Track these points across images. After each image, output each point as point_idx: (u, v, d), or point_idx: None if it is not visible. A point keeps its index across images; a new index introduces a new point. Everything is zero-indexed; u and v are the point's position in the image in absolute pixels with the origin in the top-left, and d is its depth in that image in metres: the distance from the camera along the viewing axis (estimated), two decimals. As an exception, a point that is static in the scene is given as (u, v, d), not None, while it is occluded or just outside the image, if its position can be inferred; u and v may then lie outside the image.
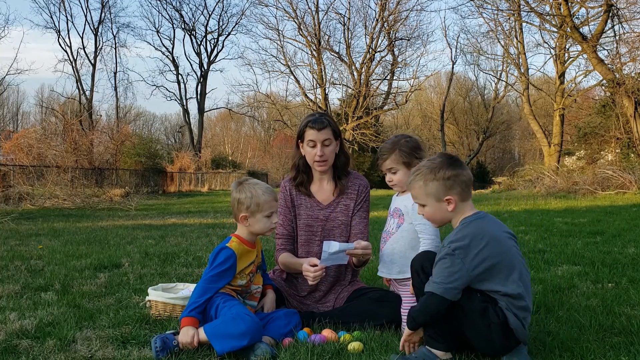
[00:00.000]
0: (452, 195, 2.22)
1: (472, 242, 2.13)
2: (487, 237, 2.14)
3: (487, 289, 2.14)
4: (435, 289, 2.11)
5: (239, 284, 2.61)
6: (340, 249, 2.59)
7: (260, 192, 2.62)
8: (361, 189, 3.07)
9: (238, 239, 2.64)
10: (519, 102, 43.85)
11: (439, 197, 2.23)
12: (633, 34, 19.88)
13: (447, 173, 2.22)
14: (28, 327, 2.70)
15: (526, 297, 2.17)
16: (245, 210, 2.61)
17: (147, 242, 6.37)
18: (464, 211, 2.25)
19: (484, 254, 2.11)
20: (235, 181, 2.73)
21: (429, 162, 2.28)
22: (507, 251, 2.17)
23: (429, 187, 2.24)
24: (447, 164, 2.24)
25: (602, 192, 15.06)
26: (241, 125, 57.26)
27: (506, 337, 2.11)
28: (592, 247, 5.35)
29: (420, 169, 2.28)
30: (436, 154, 2.34)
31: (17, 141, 17.57)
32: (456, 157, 2.31)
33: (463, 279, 2.10)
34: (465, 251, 2.11)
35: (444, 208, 2.24)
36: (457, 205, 2.24)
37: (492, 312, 2.11)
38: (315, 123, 2.92)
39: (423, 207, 2.30)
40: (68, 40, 45.36)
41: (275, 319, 2.59)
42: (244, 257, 2.61)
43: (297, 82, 35.02)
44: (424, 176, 2.25)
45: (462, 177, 2.24)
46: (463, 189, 2.24)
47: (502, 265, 2.14)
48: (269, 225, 2.65)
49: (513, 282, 2.14)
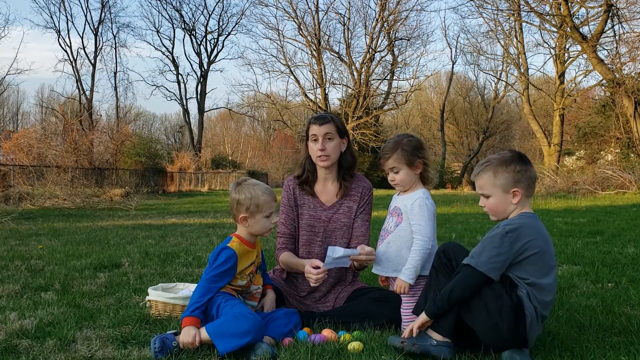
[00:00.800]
0: (519, 188, 2.29)
1: (525, 230, 2.19)
2: (539, 232, 2.23)
3: (516, 274, 2.19)
4: (478, 265, 2.15)
5: (239, 284, 2.61)
6: (345, 255, 2.60)
7: (260, 193, 2.62)
8: (364, 192, 3.07)
9: (239, 239, 2.64)
10: (519, 102, 43.87)
11: (506, 188, 2.29)
12: (633, 34, 19.90)
13: (518, 167, 2.29)
14: (28, 327, 2.70)
15: (551, 295, 2.22)
16: (244, 211, 2.61)
17: (147, 242, 6.37)
18: (525, 207, 2.32)
19: (532, 244, 2.18)
20: (234, 182, 2.72)
21: (499, 155, 2.36)
22: (551, 251, 2.24)
23: (498, 177, 2.30)
24: (518, 159, 2.32)
25: (602, 192, 15.06)
26: (241, 125, 57.26)
27: (516, 324, 2.12)
28: (592, 247, 5.35)
29: (490, 160, 2.35)
30: (505, 150, 2.44)
31: (17, 141, 17.59)
32: (524, 155, 2.39)
33: (508, 261, 2.17)
34: (516, 236, 2.17)
35: (508, 200, 2.30)
36: (522, 199, 2.30)
37: (506, 297, 2.14)
38: (317, 119, 2.98)
39: (487, 198, 2.35)
40: (68, 40, 45.53)
41: (275, 318, 2.59)
42: (244, 258, 2.61)
43: (297, 82, 35.05)
44: (494, 167, 2.31)
45: (530, 173, 2.31)
46: (529, 185, 2.31)
47: (543, 260, 2.20)
48: (269, 225, 2.65)
49: (546, 277, 2.20)
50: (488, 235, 2.22)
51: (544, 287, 2.18)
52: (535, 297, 2.16)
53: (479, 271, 2.14)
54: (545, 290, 2.19)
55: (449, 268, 2.32)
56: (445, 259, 2.33)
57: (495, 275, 2.15)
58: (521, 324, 2.12)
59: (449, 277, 2.28)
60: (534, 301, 2.16)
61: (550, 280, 2.21)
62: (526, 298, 2.15)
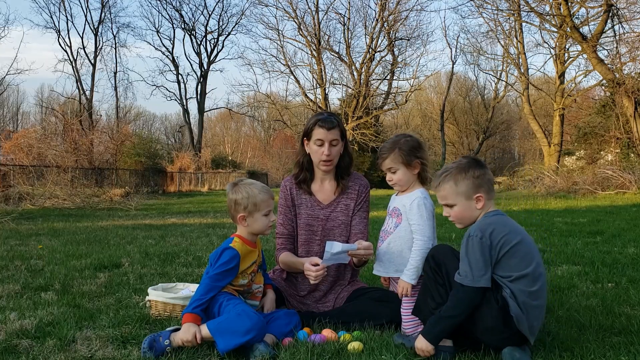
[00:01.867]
0: (481, 192, 2.31)
1: (497, 228, 2.21)
2: (509, 226, 2.25)
3: (499, 275, 2.19)
4: (474, 282, 2.15)
5: (241, 283, 2.61)
6: (343, 250, 2.59)
7: (257, 192, 2.62)
8: (361, 189, 3.07)
9: (240, 239, 2.64)
10: (519, 102, 43.88)
11: (469, 195, 2.31)
12: (633, 34, 19.89)
13: (477, 172, 2.32)
14: (28, 327, 2.70)
15: (540, 283, 2.22)
16: (243, 210, 2.61)
17: (147, 242, 6.37)
18: (489, 209, 2.34)
19: (507, 238, 2.19)
20: (230, 183, 2.72)
21: (456, 164, 2.37)
22: (528, 240, 2.25)
23: (460, 185, 2.32)
24: (475, 164, 2.36)
25: (602, 192, 15.06)
26: (241, 125, 57.29)
27: (505, 325, 2.14)
28: (592, 247, 5.35)
29: (448, 170, 2.36)
30: (459, 157, 2.47)
31: (17, 141, 17.58)
32: (479, 159, 2.44)
33: (493, 262, 2.18)
34: (490, 236, 2.19)
35: (473, 206, 2.32)
36: (485, 203, 2.31)
37: (493, 301, 2.15)
38: (324, 122, 2.91)
39: (451, 207, 2.36)
40: (68, 40, 45.48)
41: (276, 318, 2.59)
42: (247, 257, 2.62)
43: (297, 82, 35.04)
44: (454, 176, 2.33)
45: (488, 175, 2.36)
46: (489, 187, 2.35)
47: (522, 250, 2.20)
48: (268, 223, 2.66)
49: (530, 266, 2.20)
50: (466, 249, 2.21)
51: (529, 275, 2.18)
52: (522, 292, 2.16)
53: (476, 287, 2.16)
54: (530, 279, 2.18)
55: (438, 274, 2.32)
56: (435, 264, 2.33)
57: (489, 282, 2.17)
58: (510, 324, 2.14)
59: (438, 282, 2.29)
60: (521, 296, 2.16)
61: (534, 267, 2.21)
62: (510, 298, 2.15)
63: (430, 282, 2.34)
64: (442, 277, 2.30)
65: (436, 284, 2.31)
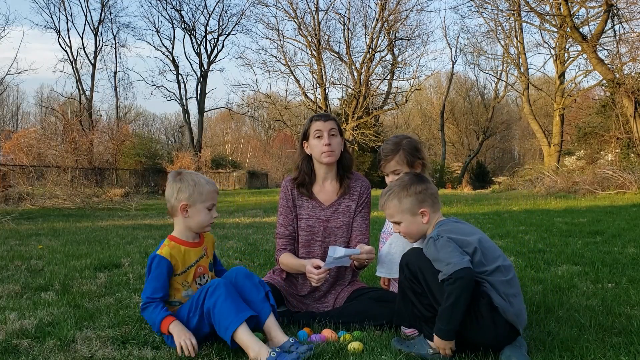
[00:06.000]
0: (425, 207, 2.38)
1: (453, 231, 2.28)
2: (462, 231, 2.30)
3: (475, 271, 2.19)
4: (457, 265, 2.11)
5: (185, 295, 2.47)
6: (346, 254, 2.60)
7: (204, 182, 2.50)
8: (363, 190, 3.07)
9: (172, 241, 2.51)
10: (519, 102, 43.88)
11: (413, 211, 2.38)
12: (633, 34, 19.89)
13: (418, 188, 2.39)
14: (28, 327, 2.70)
15: (512, 272, 2.25)
16: (186, 199, 2.46)
17: (147, 242, 6.37)
18: (437, 220, 2.40)
19: (467, 240, 2.23)
20: (173, 172, 2.57)
21: (399, 182, 2.44)
22: (483, 238, 2.29)
23: (403, 203, 2.39)
24: (416, 180, 2.43)
25: (602, 192, 15.06)
26: (241, 125, 57.29)
27: (494, 317, 2.14)
28: (592, 247, 5.35)
29: (391, 188, 2.43)
30: (402, 175, 2.54)
31: (17, 141, 17.56)
32: (421, 174, 2.52)
33: (461, 251, 2.20)
34: (451, 238, 2.22)
35: (419, 221, 2.39)
36: (430, 216, 2.38)
37: (478, 296, 2.16)
38: (320, 116, 3.00)
39: (398, 224, 2.42)
40: (68, 40, 45.50)
41: (241, 286, 2.44)
42: (185, 258, 2.49)
43: (297, 82, 35.02)
44: (397, 194, 2.40)
45: (431, 190, 2.42)
46: (433, 201, 2.41)
47: (484, 248, 2.24)
48: (209, 219, 2.52)
49: (496, 261, 2.23)
50: (436, 249, 2.20)
51: (501, 266, 2.22)
52: (500, 282, 2.19)
53: (462, 266, 2.11)
54: (502, 269, 2.22)
55: (414, 282, 2.29)
56: (409, 273, 2.30)
57: (470, 264, 2.15)
58: (497, 316, 2.15)
59: (417, 292, 2.28)
60: (500, 287, 2.18)
61: (502, 258, 2.26)
62: (491, 291, 2.17)
63: (409, 292, 2.31)
64: (420, 285, 2.26)
65: (415, 294, 2.29)
